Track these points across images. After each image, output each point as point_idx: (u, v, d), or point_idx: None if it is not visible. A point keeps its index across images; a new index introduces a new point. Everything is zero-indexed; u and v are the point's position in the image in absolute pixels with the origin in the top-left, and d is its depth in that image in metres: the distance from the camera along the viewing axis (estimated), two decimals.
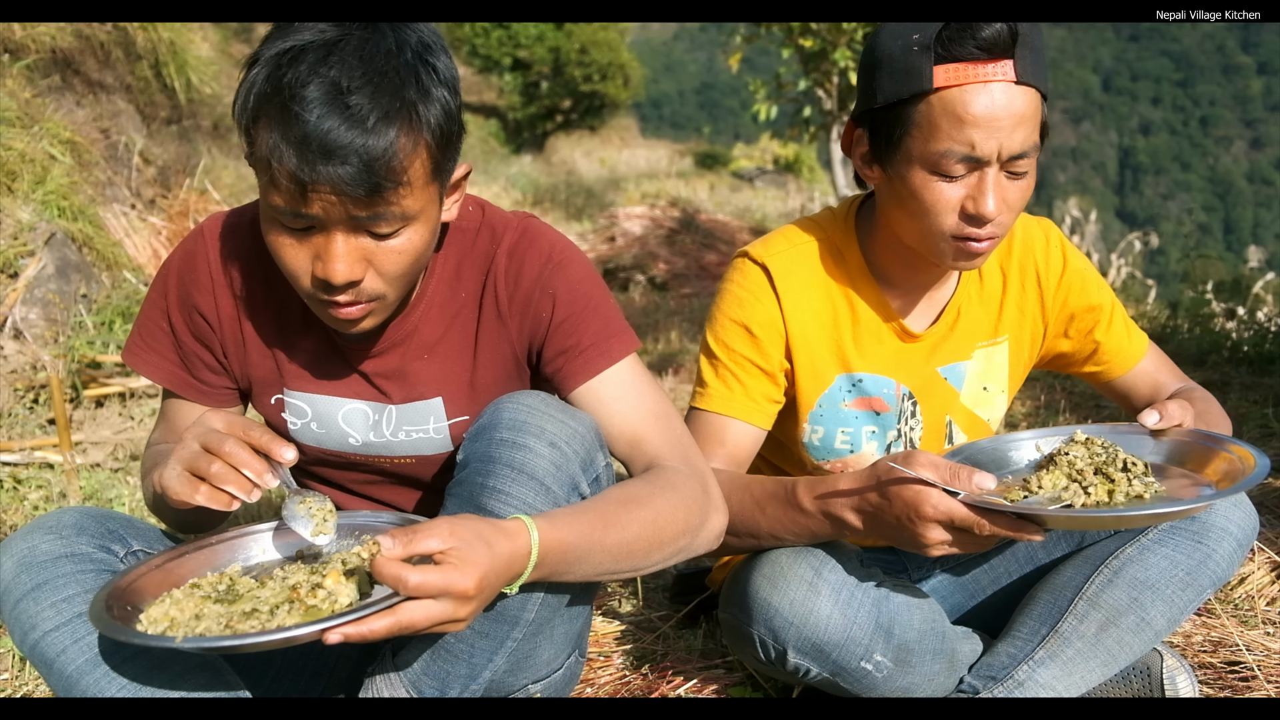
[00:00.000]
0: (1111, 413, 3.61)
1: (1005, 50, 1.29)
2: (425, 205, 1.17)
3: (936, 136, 1.32)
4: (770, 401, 1.54)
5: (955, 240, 1.39)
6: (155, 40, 5.21)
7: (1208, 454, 1.34)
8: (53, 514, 1.22)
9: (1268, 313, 5.25)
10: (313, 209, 1.10)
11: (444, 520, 1.02)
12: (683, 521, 1.22)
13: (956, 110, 1.30)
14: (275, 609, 1.05)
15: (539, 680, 1.35)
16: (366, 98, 1.06)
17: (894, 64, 1.33)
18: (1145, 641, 1.43)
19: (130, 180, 4.64)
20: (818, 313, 1.53)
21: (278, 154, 1.06)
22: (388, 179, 1.08)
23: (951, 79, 1.30)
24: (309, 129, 1.04)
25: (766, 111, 8.06)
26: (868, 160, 1.44)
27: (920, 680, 1.41)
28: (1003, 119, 1.30)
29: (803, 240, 1.55)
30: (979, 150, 1.31)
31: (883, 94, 1.36)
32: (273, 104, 1.06)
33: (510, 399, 1.26)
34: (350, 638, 0.96)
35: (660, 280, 8.22)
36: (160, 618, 1.06)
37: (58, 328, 3.40)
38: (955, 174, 1.33)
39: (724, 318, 1.54)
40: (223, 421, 1.12)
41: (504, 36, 19.67)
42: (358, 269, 1.16)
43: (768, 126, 9.26)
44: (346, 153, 1.05)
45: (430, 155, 1.13)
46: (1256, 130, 78.42)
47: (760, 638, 1.38)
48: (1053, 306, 1.60)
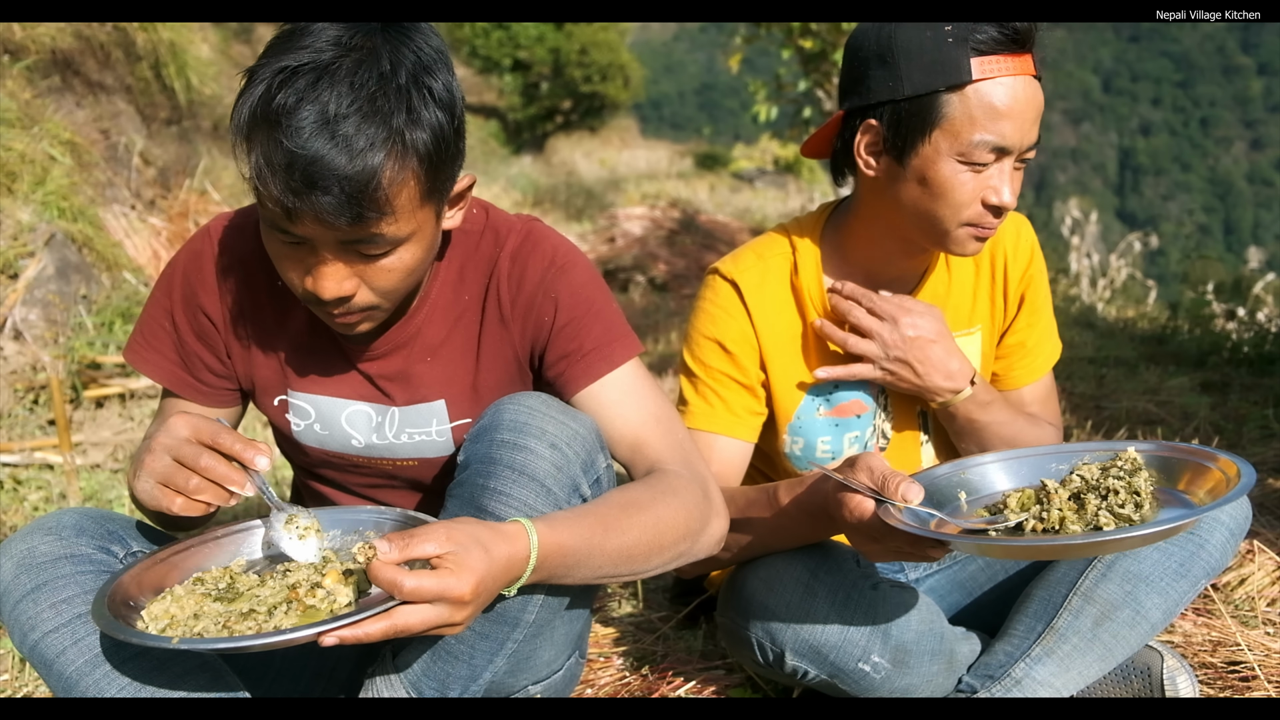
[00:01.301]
0: (1111, 413, 3.61)
1: (1030, 44, 1.36)
2: (418, 227, 1.16)
3: (971, 126, 1.35)
4: (752, 414, 1.55)
5: (968, 227, 1.41)
6: (155, 41, 5.21)
7: (1201, 471, 1.24)
8: (52, 515, 1.22)
9: (1268, 314, 5.25)
10: (300, 230, 1.11)
11: (441, 524, 1.02)
12: (683, 526, 1.22)
13: (992, 101, 1.34)
14: (273, 609, 1.05)
15: (539, 681, 1.35)
16: (353, 126, 1.05)
17: (924, 55, 1.35)
18: (1141, 635, 1.43)
19: (130, 181, 4.64)
20: (788, 325, 1.55)
21: (264, 177, 1.07)
22: (370, 209, 1.08)
23: (988, 71, 1.34)
24: (294, 156, 1.04)
25: (766, 112, 8.06)
26: (875, 152, 1.44)
27: (918, 681, 1.41)
28: (1029, 111, 1.36)
29: (772, 253, 1.57)
30: (1008, 140, 1.35)
31: (911, 85, 1.37)
32: (262, 126, 1.06)
33: (511, 400, 1.26)
34: (345, 640, 0.96)
35: (660, 281, 8.22)
36: (160, 615, 1.06)
37: (58, 328, 3.40)
38: (985, 163, 1.37)
39: (699, 335, 1.55)
40: (190, 428, 1.11)
41: (504, 37, 19.66)
42: (347, 285, 1.16)
43: (768, 127, 9.26)
44: (329, 182, 1.05)
45: (420, 182, 1.12)
46: (1257, 131, 78.41)
47: (758, 640, 1.38)
48: (1015, 293, 1.62)
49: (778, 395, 1.56)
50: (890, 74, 1.39)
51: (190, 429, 1.12)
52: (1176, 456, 1.26)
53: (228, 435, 1.12)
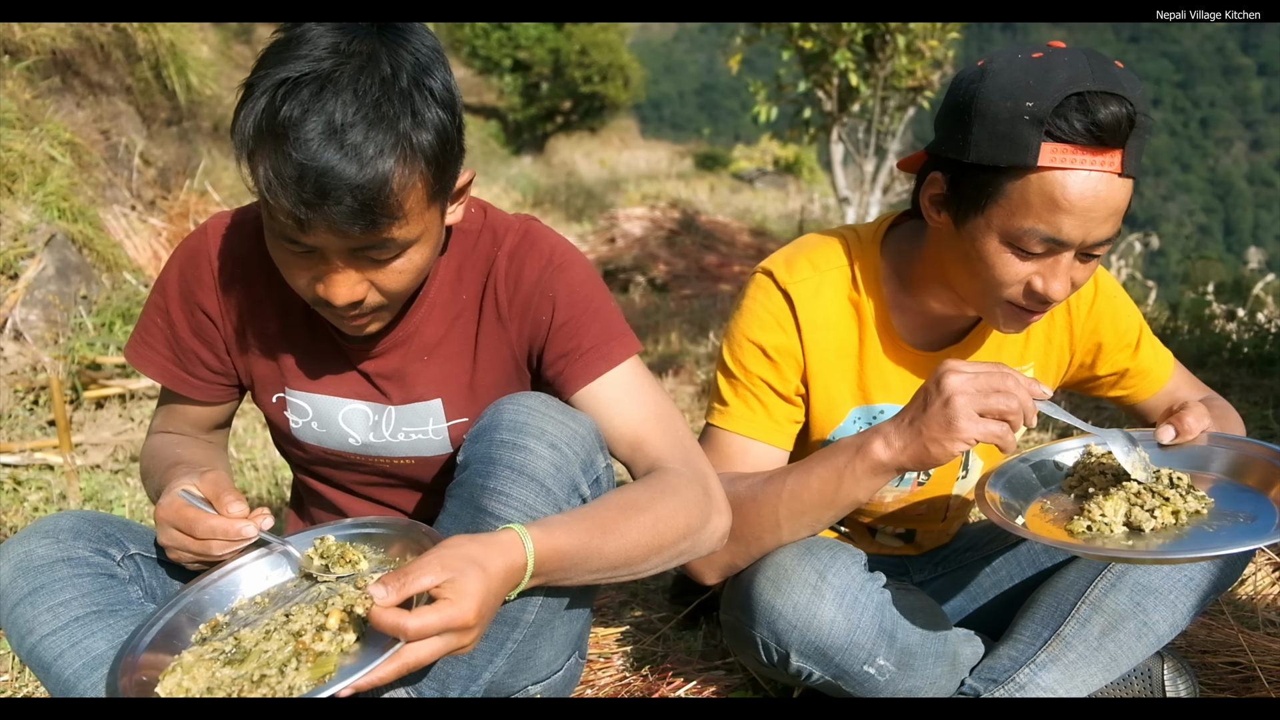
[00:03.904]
0: (1111, 414, 3.60)
1: (1120, 140, 1.21)
2: (426, 227, 1.17)
3: (1025, 214, 1.24)
4: (792, 423, 1.51)
5: (1011, 306, 1.34)
6: (155, 41, 5.21)
7: (1271, 470, 1.30)
8: (50, 518, 1.22)
9: (1268, 314, 5.25)
10: (312, 240, 1.10)
11: (433, 553, 1.01)
12: (683, 525, 1.22)
13: (1054, 194, 1.22)
14: (284, 667, 1.04)
15: (539, 681, 1.35)
16: (361, 134, 1.05)
17: (998, 126, 1.24)
18: (1147, 646, 1.42)
19: (130, 181, 4.64)
20: (840, 344, 1.49)
21: (273, 190, 1.06)
22: (383, 215, 1.08)
23: (1057, 160, 1.21)
24: (304, 169, 1.04)
25: (766, 113, 8.04)
26: (938, 204, 1.36)
27: (922, 683, 1.41)
28: (1098, 210, 1.23)
29: (829, 266, 1.48)
30: (1065, 236, 1.24)
31: (977, 152, 1.26)
32: (269, 140, 1.06)
33: (510, 400, 1.26)
34: (361, 689, 0.97)
35: (660, 281, 8.22)
36: (175, 689, 1.04)
37: (58, 329, 3.40)
38: (1033, 252, 1.27)
39: (742, 336, 1.49)
40: (188, 503, 1.19)
41: (504, 38, 19.67)
42: (359, 290, 1.17)
43: (768, 128, 9.23)
44: (341, 192, 1.05)
45: (427, 183, 1.12)
46: (1256, 132, 78.39)
47: (763, 640, 1.37)
48: (1081, 335, 1.56)
49: (816, 412, 1.51)
50: (962, 133, 1.28)
51: (189, 504, 1.19)
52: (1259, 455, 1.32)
53: (230, 500, 1.19)
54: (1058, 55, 1.24)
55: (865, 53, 7.62)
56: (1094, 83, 1.20)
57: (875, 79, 7.65)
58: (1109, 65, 1.23)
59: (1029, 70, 1.24)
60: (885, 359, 1.50)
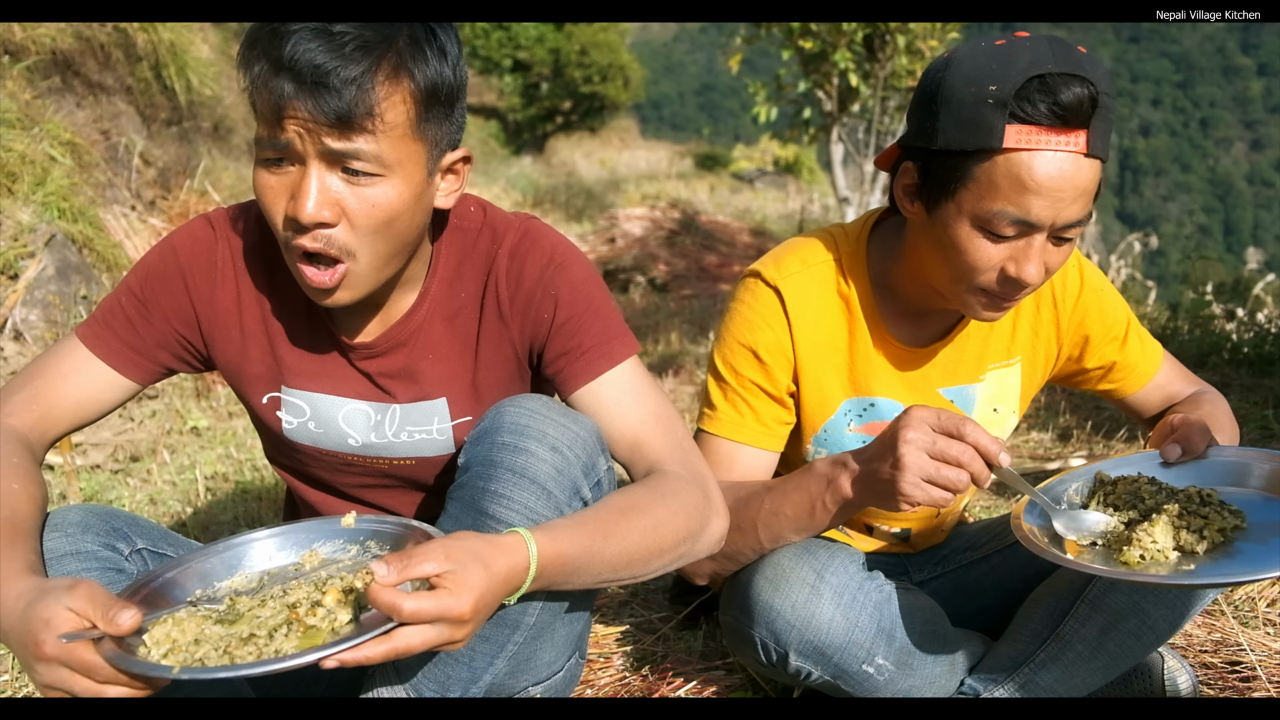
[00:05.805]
0: (1111, 414, 3.61)
1: (1083, 120, 1.22)
2: (405, 159, 1.16)
3: (993, 196, 1.26)
4: (781, 424, 1.52)
5: (985, 294, 1.35)
6: (155, 41, 5.21)
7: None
8: (58, 511, 1.22)
9: (1268, 314, 5.25)
10: (288, 133, 1.11)
11: (439, 542, 1.01)
12: (683, 528, 1.22)
13: (1020, 175, 1.24)
14: (274, 631, 1.04)
15: (539, 682, 1.35)
16: (353, 37, 1.10)
17: (962, 111, 1.26)
18: (1147, 645, 1.43)
19: (130, 182, 4.64)
20: (830, 337, 1.50)
21: (259, 79, 1.11)
22: (359, 106, 1.10)
23: (1022, 142, 1.23)
24: (290, 52, 1.08)
25: (766, 113, 8.04)
26: (911, 194, 1.38)
27: (921, 683, 1.41)
28: (1065, 190, 1.24)
29: (817, 261, 1.50)
30: (1034, 217, 1.26)
31: (944, 138, 1.29)
32: (263, 39, 1.11)
33: (512, 403, 1.26)
34: (346, 663, 0.96)
35: (660, 282, 8.22)
36: (163, 639, 1.05)
37: (58, 329, 3.40)
38: (1004, 235, 1.28)
39: (732, 340, 1.50)
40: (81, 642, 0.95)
41: (504, 38, 19.68)
42: (327, 209, 1.14)
43: (768, 128, 9.23)
44: (321, 73, 1.08)
45: (410, 108, 1.14)
46: (1256, 132, 78.43)
47: (762, 640, 1.37)
48: (1068, 328, 1.57)
49: (808, 407, 1.53)
50: (930, 121, 1.31)
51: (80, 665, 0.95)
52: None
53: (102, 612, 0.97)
54: (1020, 42, 1.27)
55: (865, 53, 7.62)
56: (1055, 65, 1.22)
57: (875, 79, 7.66)
58: (1071, 49, 1.25)
59: (992, 56, 1.26)
60: (875, 351, 1.51)
